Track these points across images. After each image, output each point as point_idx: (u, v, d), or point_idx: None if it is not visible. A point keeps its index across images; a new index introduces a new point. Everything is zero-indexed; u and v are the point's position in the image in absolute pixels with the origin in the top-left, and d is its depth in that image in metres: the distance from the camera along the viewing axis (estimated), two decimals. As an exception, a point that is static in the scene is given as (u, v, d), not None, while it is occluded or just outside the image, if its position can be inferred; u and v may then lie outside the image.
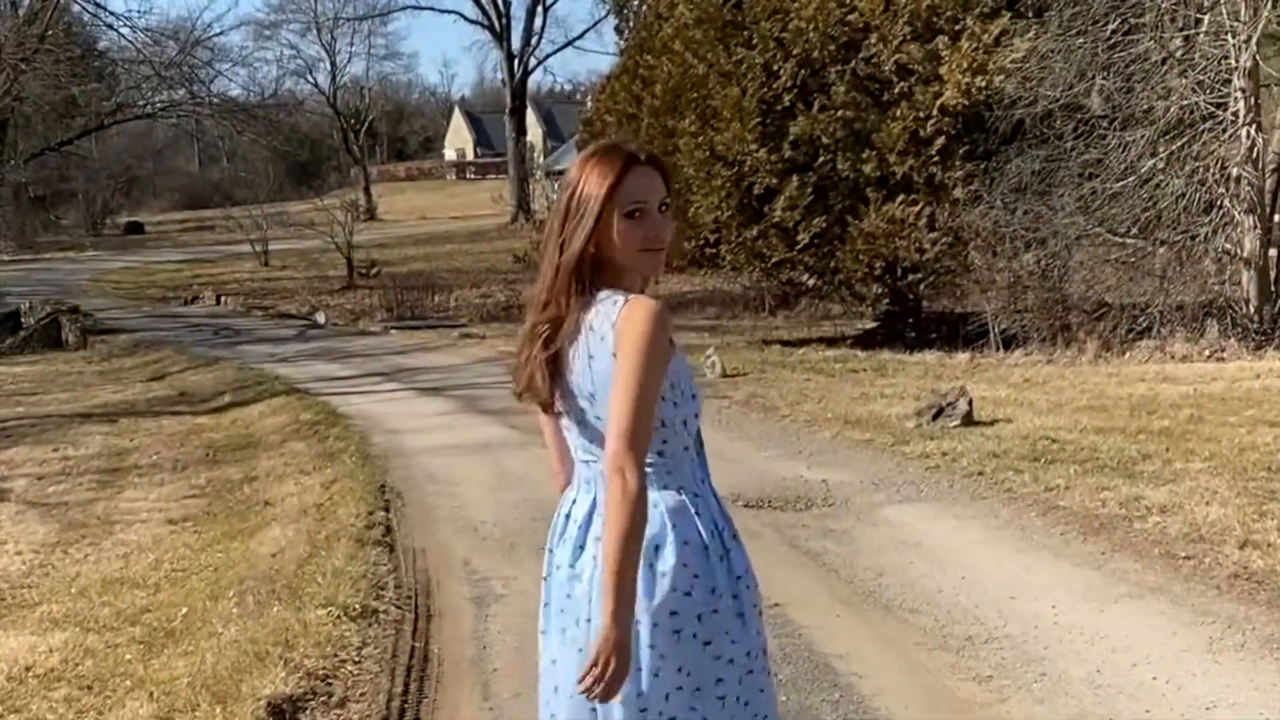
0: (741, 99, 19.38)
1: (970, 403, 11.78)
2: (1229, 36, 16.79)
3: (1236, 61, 16.67)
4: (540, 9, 54.30)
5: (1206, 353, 16.19)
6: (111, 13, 35.88)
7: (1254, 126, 16.77)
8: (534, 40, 50.15)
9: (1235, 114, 16.72)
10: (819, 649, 5.89)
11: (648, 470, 2.84)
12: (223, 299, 35.04)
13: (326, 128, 77.54)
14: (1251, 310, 16.90)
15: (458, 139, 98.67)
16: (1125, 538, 7.55)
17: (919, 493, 9.11)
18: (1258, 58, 16.81)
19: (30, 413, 18.35)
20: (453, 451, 12.01)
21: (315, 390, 17.36)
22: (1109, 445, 10.22)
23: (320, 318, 29.28)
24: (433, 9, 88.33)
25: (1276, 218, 17.84)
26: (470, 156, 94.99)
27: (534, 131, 73.73)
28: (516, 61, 49.33)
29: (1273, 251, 17.53)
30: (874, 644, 5.98)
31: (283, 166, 70.84)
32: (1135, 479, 8.93)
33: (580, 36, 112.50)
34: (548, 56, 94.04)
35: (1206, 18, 17.41)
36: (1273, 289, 17.23)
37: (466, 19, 49.49)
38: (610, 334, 2.87)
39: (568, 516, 3.08)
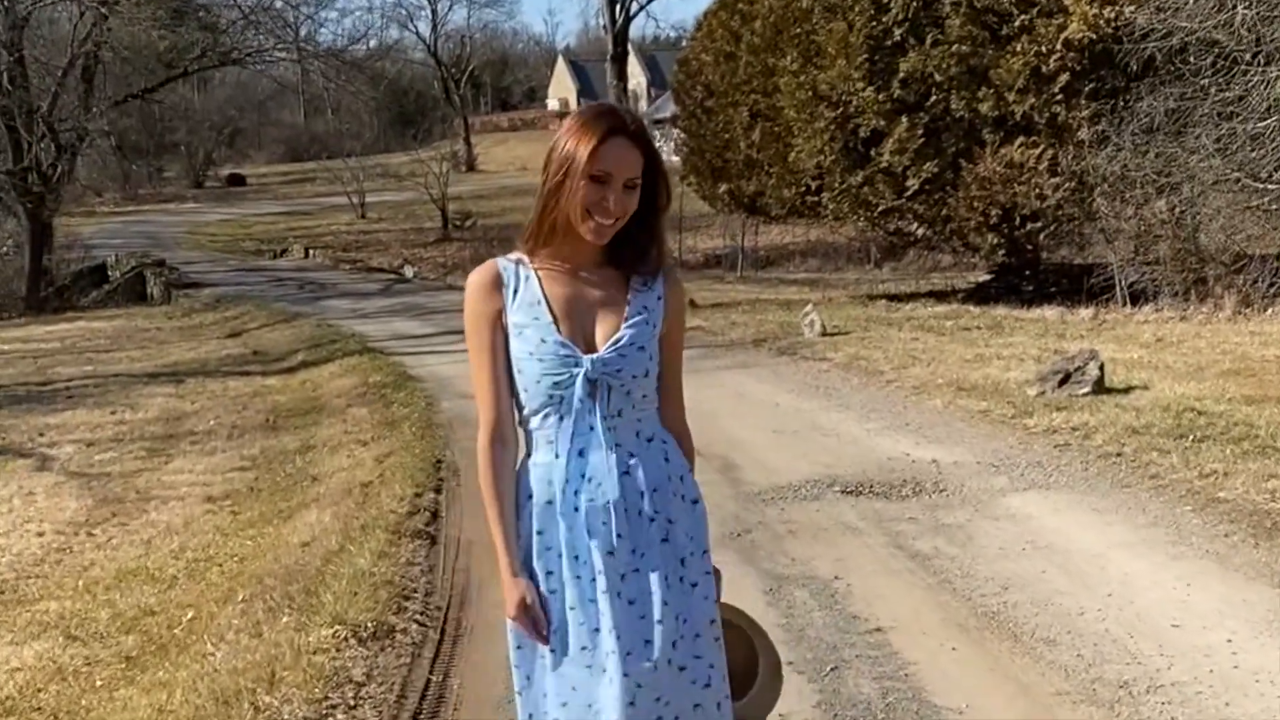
0: (848, 34, 17.94)
1: (1101, 367, 10.43)
2: (1386, -40, 15.10)
3: (1394, -12, 14.98)
4: (643, -49, 52.95)
5: (1357, 309, 14.67)
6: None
7: None
8: (637, -17, 48.60)
9: (1393, 45, 15.05)
10: (930, 698, 4.65)
11: (531, 433, 3.05)
12: (311, 252, 34.36)
13: (429, 78, 76.82)
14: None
15: (561, 88, 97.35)
16: (1307, 543, 6.20)
17: (1047, 477, 7.80)
18: None
19: (99, 371, 17.68)
20: (524, 420, 10.88)
21: (390, 349, 16.44)
22: (1266, 419, 8.83)
23: (408, 272, 28.42)
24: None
25: None
26: (573, 106, 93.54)
27: (637, 79, 72.33)
28: (618, 6, 47.85)
29: None
30: (1001, 691, 4.72)
31: (385, 118, 70.21)
32: (1306, 463, 7.55)
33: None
34: (650, 0, 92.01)
35: (1361, -61, 15.68)
36: None
37: (567, -38, 47.86)
38: None
39: None
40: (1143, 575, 5.88)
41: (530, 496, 3.02)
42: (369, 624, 5.53)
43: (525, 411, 3.03)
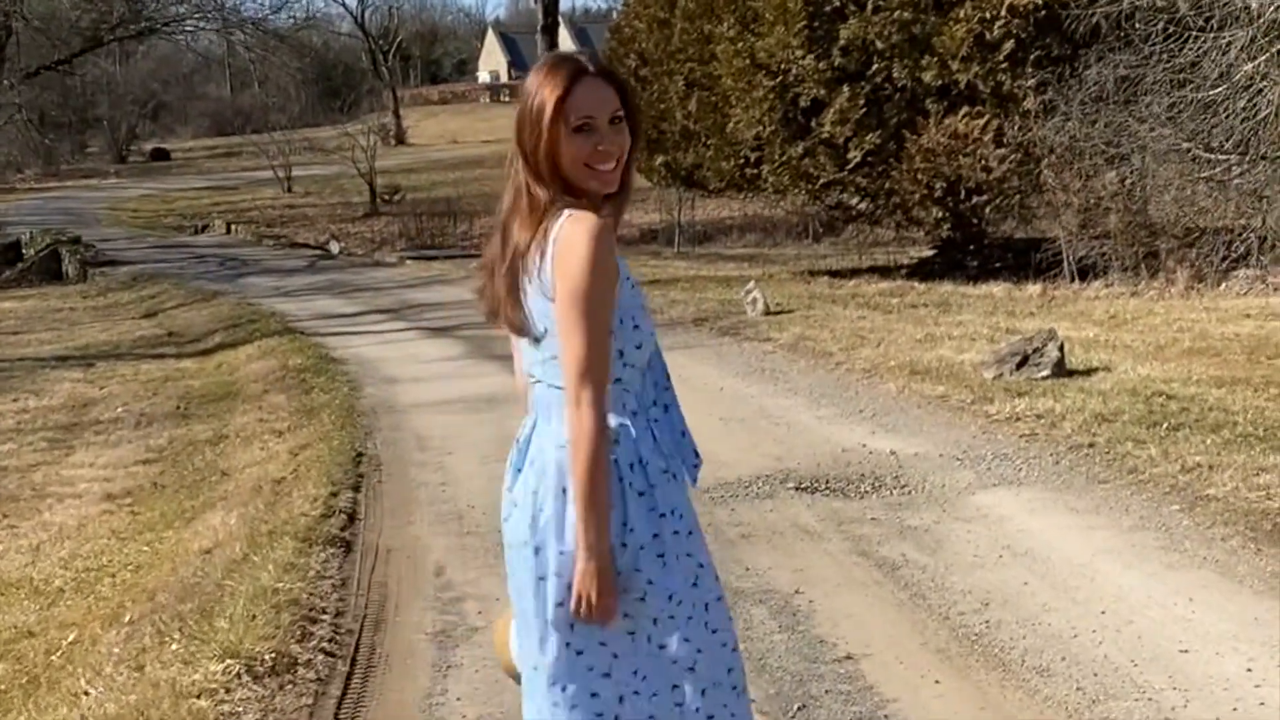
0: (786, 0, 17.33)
1: (1061, 348, 9.86)
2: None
3: (1350, -49, 14.48)
4: (573, -79, 51.98)
5: (1313, 283, 14.22)
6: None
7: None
8: (566, -46, 47.83)
9: (1349, 10, 14.56)
10: (916, 746, 4.03)
11: (627, 394, 2.90)
12: (233, 228, 33.35)
13: (357, 50, 75.73)
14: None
15: (491, 61, 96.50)
16: (1313, 547, 5.62)
17: (1017, 472, 7.20)
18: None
19: (5, 355, 16.85)
20: (452, 407, 10.21)
21: (313, 330, 15.71)
22: (1242, 405, 8.28)
23: (334, 247, 27.53)
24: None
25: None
26: (504, 79, 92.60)
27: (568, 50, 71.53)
28: (548, -23, 47.02)
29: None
30: (996, 736, 4.11)
31: (312, 91, 69.01)
32: (1293, 454, 7.00)
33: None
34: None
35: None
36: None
37: (495, -68, 47.05)
38: (552, 249, 2.83)
39: (516, 439, 3.02)
40: (1137, 588, 5.28)
41: (637, 462, 2.88)
42: (266, 656, 4.83)
43: (630, 369, 2.91)
